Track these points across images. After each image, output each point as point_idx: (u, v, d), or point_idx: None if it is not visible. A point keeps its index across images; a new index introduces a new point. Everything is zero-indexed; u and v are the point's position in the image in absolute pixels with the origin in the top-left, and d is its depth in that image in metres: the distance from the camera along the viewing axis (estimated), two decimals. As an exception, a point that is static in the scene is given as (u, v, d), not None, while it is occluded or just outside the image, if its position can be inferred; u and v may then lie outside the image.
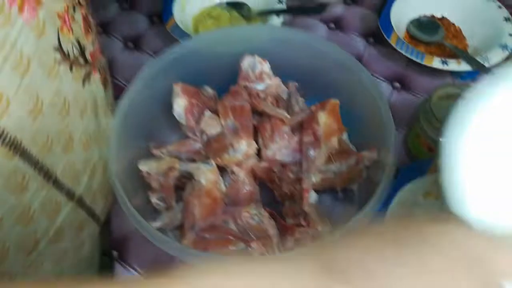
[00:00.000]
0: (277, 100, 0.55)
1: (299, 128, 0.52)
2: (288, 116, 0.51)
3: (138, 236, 0.57)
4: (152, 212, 0.52)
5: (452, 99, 0.55)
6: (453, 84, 0.54)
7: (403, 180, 0.51)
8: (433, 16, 0.74)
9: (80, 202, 0.47)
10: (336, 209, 0.55)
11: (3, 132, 0.34)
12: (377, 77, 0.70)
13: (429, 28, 0.71)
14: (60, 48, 0.39)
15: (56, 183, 0.42)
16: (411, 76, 0.69)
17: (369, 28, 0.75)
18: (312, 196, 0.45)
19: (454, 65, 0.63)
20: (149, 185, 0.52)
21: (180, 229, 0.51)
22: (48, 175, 0.41)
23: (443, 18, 0.74)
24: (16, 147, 0.36)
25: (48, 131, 0.39)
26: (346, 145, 0.51)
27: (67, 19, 0.40)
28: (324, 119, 0.49)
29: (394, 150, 0.45)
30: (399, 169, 0.52)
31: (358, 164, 0.49)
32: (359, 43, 0.74)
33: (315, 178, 0.49)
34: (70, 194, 0.45)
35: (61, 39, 0.39)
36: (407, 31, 0.72)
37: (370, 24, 0.76)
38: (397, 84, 0.68)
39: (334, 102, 0.50)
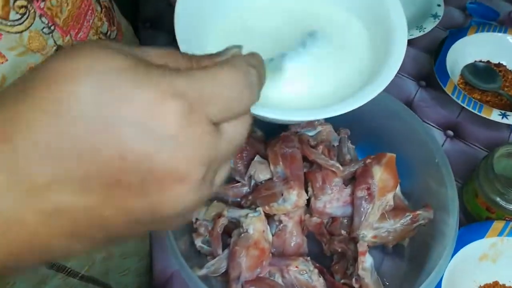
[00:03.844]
0: (329, 149, 0.53)
1: (351, 179, 0.51)
2: (341, 168, 0.49)
3: (180, 277, 0.56)
4: (194, 253, 0.52)
5: (513, 157, 0.53)
6: (516, 142, 0.52)
7: (459, 242, 0.48)
8: (489, 62, 0.71)
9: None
10: (384, 263, 0.53)
11: None
12: (428, 123, 0.67)
13: (485, 75, 0.68)
14: None
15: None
16: (465, 124, 0.67)
17: (421, 71, 0.73)
18: (368, 261, 0.43)
19: (514, 119, 0.60)
20: (195, 228, 0.51)
21: (224, 276, 0.50)
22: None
23: (500, 65, 0.71)
24: None
25: None
26: (400, 200, 0.49)
27: None
28: (379, 174, 0.48)
29: (457, 213, 0.43)
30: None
31: (413, 223, 0.47)
32: (410, 86, 0.72)
33: (367, 235, 0.47)
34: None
35: None
36: (462, 76, 0.70)
37: (423, 67, 0.73)
38: (450, 132, 0.66)
39: (391, 156, 0.49)
